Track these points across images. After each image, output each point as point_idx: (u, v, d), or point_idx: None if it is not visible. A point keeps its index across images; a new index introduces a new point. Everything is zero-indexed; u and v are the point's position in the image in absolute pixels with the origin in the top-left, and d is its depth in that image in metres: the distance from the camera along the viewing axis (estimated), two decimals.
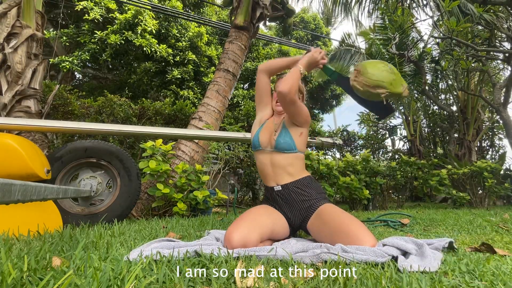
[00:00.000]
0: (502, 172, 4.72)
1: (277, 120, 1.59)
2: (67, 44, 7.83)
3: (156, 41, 7.60)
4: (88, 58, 7.46)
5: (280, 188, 1.45)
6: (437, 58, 5.84)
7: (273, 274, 0.79)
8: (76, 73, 9.32)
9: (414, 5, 4.80)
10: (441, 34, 4.21)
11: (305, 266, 0.89)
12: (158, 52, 7.58)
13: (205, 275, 0.77)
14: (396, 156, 7.91)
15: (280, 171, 1.46)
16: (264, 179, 1.53)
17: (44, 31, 3.33)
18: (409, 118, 7.30)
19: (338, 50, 6.93)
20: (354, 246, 1.07)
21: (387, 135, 9.44)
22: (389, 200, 4.69)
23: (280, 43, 9.85)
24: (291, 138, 1.48)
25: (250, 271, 0.78)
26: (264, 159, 1.50)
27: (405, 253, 1.02)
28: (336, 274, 0.77)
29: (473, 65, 5.16)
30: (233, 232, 1.18)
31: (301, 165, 1.51)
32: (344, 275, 0.76)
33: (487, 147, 8.29)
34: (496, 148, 8.35)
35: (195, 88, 8.24)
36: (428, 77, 6.79)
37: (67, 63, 7.24)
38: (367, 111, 10.29)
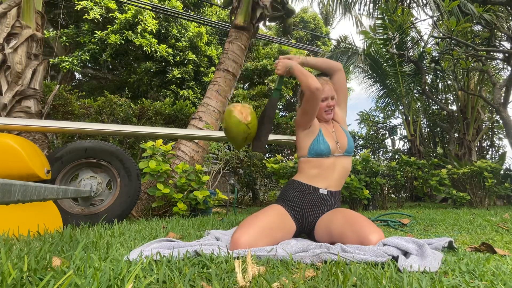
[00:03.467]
0: (502, 172, 4.72)
1: (329, 127, 1.59)
2: (67, 44, 7.83)
3: (156, 41, 7.60)
4: (88, 58, 7.46)
5: (326, 193, 1.45)
6: (437, 58, 5.83)
7: (273, 274, 0.79)
8: (76, 73, 9.32)
9: (414, 5, 4.80)
10: (441, 34, 4.21)
11: (305, 266, 0.89)
12: (158, 52, 7.58)
13: (205, 275, 0.77)
14: (396, 156, 7.91)
15: (341, 176, 1.50)
16: (314, 179, 1.46)
17: (44, 31, 3.33)
18: (409, 118, 7.30)
19: (334, 53, 6.90)
20: (354, 246, 1.08)
21: (387, 135, 9.44)
22: (389, 200, 4.69)
23: (280, 43, 9.86)
24: (352, 140, 1.58)
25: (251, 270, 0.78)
26: (328, 164, 1.48)
27: (406, 253, 1.02)
28: (335, 274, 0.77)
29: (473, 65, 5.16)
30: (241, 236, 1.16)
31: None
32: (344, 275, 0.76)
33: (487, 147, 8.29)
34: (496, 148, 8.36)
35: (195, 88, 8.24)
36: (428, 77, 6.79)
37: (67, 63, 7.24)
38: (367, 110, 10.31)
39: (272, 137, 2.84)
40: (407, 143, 8.52)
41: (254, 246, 1.14)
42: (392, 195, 4.91)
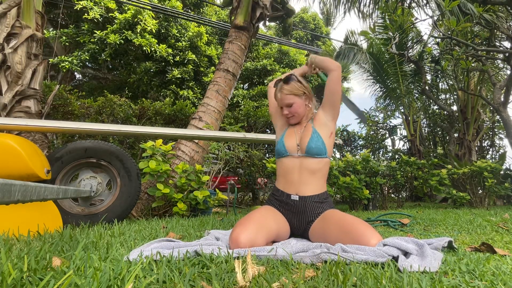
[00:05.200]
0: (502, 172, 4.72)
1: (298, 128, 1.55)
2: (67, 44, 7.83)
3: (156, 41, 7.60)
4: (88, 58, 7.46)
5: (297, 199, 1.41)
6: (437, 58, 5.84)
7: (273, 274, 0.79)
8: (76, 73, 9.33)
9: (414, 5, 4.80)
10: (441, 34, 4.21)
11: (305, 266, 0.89)
12: (158, 52, 7.58)
13: (205, 275, 0.77)
14: (396, 156, 7.91)
15: (306, 179, 1.43)
16: (284, 184, 1.47)
17: (44, 31, 3.33)
18: (409, 118, 7.31)
19: (342, 49, 6.93)
20: (354, 246, 1.07)
21: (387, 135, 9.45)
22: (389, 200, 4.69)
23: (280, 43, 9.86)
24: (323, 142, 1.45)
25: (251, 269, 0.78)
26: (292, 165, 1.45)
27: (406, 253, 1.02)
28: (335, 274, 0.77)
29: (473, 65, 5.16)
30: (241, 233, 1.16)
31: (325, 174, 1.48)
32: (344, 275, 0.76)
33: (487, 147, 8.30)
34: (496, 147, 8.37)
35: (195, 88, 8.25)
36: (428, 77, 6.79)
37: (66, 63, 7.24)
38: (367, 110, 10.33)
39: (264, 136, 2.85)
40: (407, 143, 8.53)
41: (254, 241, 1.15)
42: (392, 195, 4.91)
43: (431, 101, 7.56)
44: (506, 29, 4.61)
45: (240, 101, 8.43)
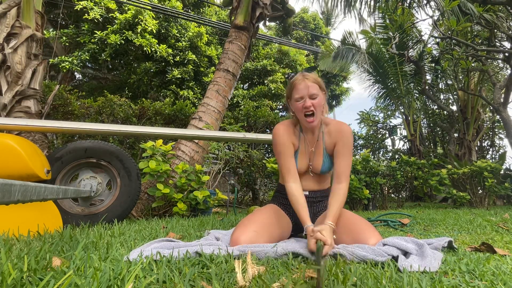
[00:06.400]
0: (502, 171, 4.72)
1: (311, 138, 1.44)
2: (67, 44, 7.83)
3: (156, 41, 7.60)
4: (88, 58, 7.46)
5: (308, 193, 1.45)
6: (437, 58, 5.84)
7: (273, 274, 0.79)
8: (76, 73, 9.33)
9: (414, 4, 4.80)
10: (441, 34, 4.21)
11: (305, 266, 0.89)
12: (158, 52, 7.58)
13: (205, 275, 0.77)
14: (396, 156, 7.91)
15: (319, 183, 1.49)
16: None
17: (44, 31, 3.33)
18: (409, 118, 7.30)
19: (340, 49, 6.95)
20: (355, 245, 1.08)
21: (387, 135, 9.45)
22: (389, 200, 4.69)
23: (280, 43, 9.86)
24: (331, 161, 1.45)
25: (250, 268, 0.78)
26: (302, 176, 1.46)
27: (406, 253, 1.02)
28: (335, 274, 0.77)
29: (473, 65, 5.16)
30: (241, 235, 1.16)
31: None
32: (344, 275, 0.76)
33: (487, 147, 8.30)
34: (496, 147, 8.36)
35: (195, 88, 8.24)
36: (428, 77, 6.79)
37: (66, 63, 7.24)
38: (367, 110, 10.31)
39: (263, 136, 2.82)
40: (407, 143, 8.53)
41: (254, 243, 1.14)
42: (392, 195, 4.91)
43: (431, 101, 7.56)
44: (506, 29, 4.60)
45: (240, 101, 8.42)
